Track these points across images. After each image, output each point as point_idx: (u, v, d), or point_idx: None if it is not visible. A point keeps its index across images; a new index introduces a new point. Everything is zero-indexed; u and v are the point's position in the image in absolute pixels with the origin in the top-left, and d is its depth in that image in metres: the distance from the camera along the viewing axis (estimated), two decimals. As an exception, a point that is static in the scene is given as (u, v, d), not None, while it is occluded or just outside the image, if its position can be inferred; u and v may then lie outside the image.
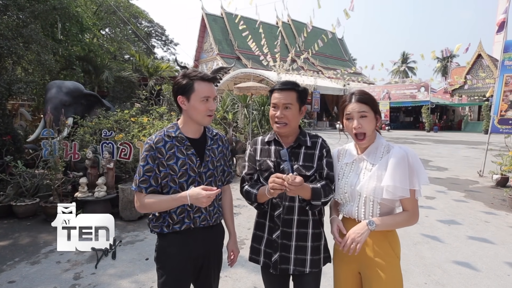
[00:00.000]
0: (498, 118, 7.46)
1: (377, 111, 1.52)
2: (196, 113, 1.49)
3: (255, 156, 1.67)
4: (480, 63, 24.84)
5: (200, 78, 1.48)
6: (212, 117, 1.56)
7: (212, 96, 1.51)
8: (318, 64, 38.70)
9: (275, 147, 1.63)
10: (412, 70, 44.93)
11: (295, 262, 1.55)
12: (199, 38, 36.91)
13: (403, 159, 1.41)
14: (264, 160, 1.62)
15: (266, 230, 1.62)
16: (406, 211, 1.46)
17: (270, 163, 1.60)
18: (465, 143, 16.44)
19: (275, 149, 1.62)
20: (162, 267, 1.53)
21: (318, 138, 1.65)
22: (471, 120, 29.17)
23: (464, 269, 3.17)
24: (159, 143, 1.48)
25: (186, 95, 1.48)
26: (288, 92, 1.56)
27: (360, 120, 1.47)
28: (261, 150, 1.66)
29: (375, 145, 1.52)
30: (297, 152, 1.59)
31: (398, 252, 1.50)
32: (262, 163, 1.62)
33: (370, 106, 1.48)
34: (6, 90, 5.94)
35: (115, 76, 11.36)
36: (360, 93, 1.51)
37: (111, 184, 4.62)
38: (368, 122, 1.47)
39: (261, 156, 1.65)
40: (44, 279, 2.84)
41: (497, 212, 5.06)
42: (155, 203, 1.46)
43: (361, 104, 1.47)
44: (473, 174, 7.93)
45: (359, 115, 1.47)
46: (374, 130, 1.52)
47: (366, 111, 1.47)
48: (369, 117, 1.47)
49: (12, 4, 6.55)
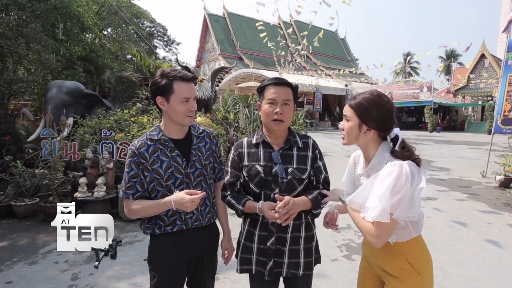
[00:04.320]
0: (501, 118, 7.39)
1: (368, 120, 1.33)
2: (175, 114, 1.45)
3: (240, 162, 1.54)
4: (483, 63, 24.69)
5: (180, 78, 1.42)
6: (193, 117, 1.52)
7: (192, 97, 1.46)
8: (320, 64, 38.64)
9: (264, 149, 1.51)
10: (415, 70, 44.80)
11: (288, 266, 1.51)
12: (201, 38, 36.97)
13: (389, 176, 1.22)
14: (253, 165, 1.50)
15: (257, 239, 1.52)
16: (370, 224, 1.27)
17: (259, 168, 1.49)
18: (468, 143, 16.34)
19: (264, 152, 1.51)
20: (154, 269, 1.51)
21: (309, 139, 1.59)
22: (474, 120, 29.02)
23: (467, 271, 3.12)
24: (142, 148, 1.45)
25: (165, 96, 1.43)
26: (286, 88, 1.49)
27: (344, 122, 1.42)
28: (248, 154, 1.53)
29: (377, 159, 1.36)
30: (289, 154, 1.51)
31: (419, 268, 1.33)
32: (251, 169, 1.50)
33: (355, 112, 1.36)
34: (7, 89, 5.94)
35: (117, 76, 11.35)
36: (356, 96, 1.41)
37: (110, 184, 4.60)
38: (349, 126, 1.39)
39: (249, 160, 1.52)
40: (42, 280, 2.82)
41: (500, 213, 5.00)
42: (142, 209, 1.44)
43: (348, 107, 1.41)
44: (476, 174, 7.86)
45: (344, 117, 1.42)
46: (374, 141, 1.38)
47: (350, 116, 1.39)
48: (351, 122, 1.38)
49: (13, 4, 6.54)
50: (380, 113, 1.34)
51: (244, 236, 1.58)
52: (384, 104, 1.35)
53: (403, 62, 37.70)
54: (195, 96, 1.49)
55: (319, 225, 1.63)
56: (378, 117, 1.34)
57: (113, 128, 5.37)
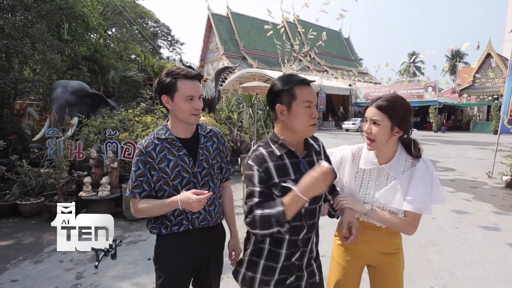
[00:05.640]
0: (508, 118, 7.31)
1: (399, 123, 1.38)
2: (181, 112, 1.44)
3: (269, 179, 1.24)
4: (489, 62, 24.46)
5: (183, 76, 1.42)
6: (199, 116, 1.51)
7: (197, 95, 1.45)
8: (324, 63, 38.53)
9: (290, 160, 1.29)
10: (419, 69, 44.49)
11: (307, 277, 1.39)
12: (205, 38, 37.09)
13: (428, 173, 1.40)
14: (285, 182, 1.25)
15: (283, 258, 1.31)
16: (406, 218, 1.42)
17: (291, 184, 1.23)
18: (473, 143, 16.19)
19: (291, 163, 1.28)
20: (160, 269, 1.51)
21: (318, 140, 1.48)
22: (479, 120, 28.77)
23: (473, 273, 3.08)
24: (149, 147, 1.45)
25: (170, 94, 1.43)
26: (312, 88, 1.32)
27: (372, 126, 1.41)
28: (276, 169, 1.26)
29: (397, 158, 1.45)
30: (312, 161, 1.35)
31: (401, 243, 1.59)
32: (284, 186, 1.24)
33: (387, 115, 1.38)
34: (13, 89, 6.00)
35: (121, 76, 11.41)
36: (383, 99, 1.41)
37: (115, 184, 4.62)
38: (380, 130, 1.39)
39: (279, 176, 1.25)
40: (46, 279, 2.84)
41: (507, 214, 4.94)
42: (148, 209, 1.43)
43: (376, 111, 1.40)
44: (482, 175, 7.79)
45: (371, 121, 1.41)
46: (395, 141, 1.44)
47: (380, 119, 1.38)
48: (382, 126, 1.38)
49: (19, 4, 6.61)
50: (407, 115, 1.41)
51: (265, 257, 1.33)
52: (408, 106, 1.42)
53: (408, 61, 37.48)
54: (200, 95, 1.48)
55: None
56: (405, 118, 1.40)
57: (117, 127, 5.39)
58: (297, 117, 1.25)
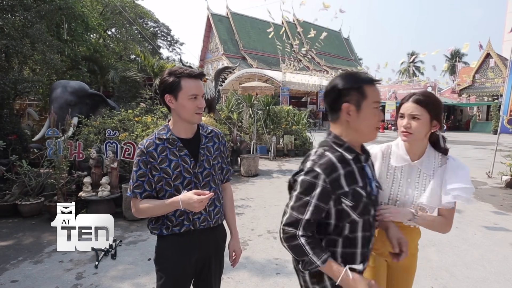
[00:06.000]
0: (507, 118, 7.31)
1: (436, 116, 1.40)
2: (184, 111, 1.44)
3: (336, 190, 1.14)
4: (489, 62, 24.48)
5: (187, 75, 1.42)
6: (202, 115, 1.51)
7: (200, 94, 1.46)
8: (324, 63, 38.55)
9: (355, 165, 1.21)
10: (419, 69, 44.51)
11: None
12: (205, 38, 37.08)
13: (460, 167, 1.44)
14: (355, 189, 1.16)
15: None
16: (443, 217, 1.45)
17: (361, 191, 1.17)
18: (473, 143, 16.20)
19: (357, 168, 1.21)
20: (161, 269, 1.51)
21: None
22: (479, 120, 28.79)
23: (473, 272, 3.09)
24: (150, 147, 1.45)
25: (173, 94, 1.43)
26: None
27: (411, 121, 1.41)
28: (346, 176, 1.16)
29: (427, 154, 1.47)
30: (372, 165, 1.35)
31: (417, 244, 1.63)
32: (355, 195, 1.15)
33: (426, 109, 1.39)
34: (12, 89, 5.99)
35: (121, 76, 11.41)
36: (420, 94, 1.42)
37: (115, 184, 4.62)
38: (419, 124, 1.39)
39: (349, 184, 1.16)
40: (46, 279, 2.83)
41: (506, 214, 4.94)
42: (149, 209, 1.43)
43: (415, 105, 1.40)
44: (481, 175, 7.79)
45: (410, 116, 1.41)
46: (426, 138, 1.45)
47: (419, 113, 1.39)
48: (422, 120, 1.39)
49: (18, 4, 6.60)
50: (442, 109, 1.44)
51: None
52: (440, 101, 1.45)
53: (407, 61, 37.49)
54: (203, 93, 1.48)
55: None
56: (441, 112, 1.43)
57: (117, 128, 5.39)
58: (366, 117, 1.17)
